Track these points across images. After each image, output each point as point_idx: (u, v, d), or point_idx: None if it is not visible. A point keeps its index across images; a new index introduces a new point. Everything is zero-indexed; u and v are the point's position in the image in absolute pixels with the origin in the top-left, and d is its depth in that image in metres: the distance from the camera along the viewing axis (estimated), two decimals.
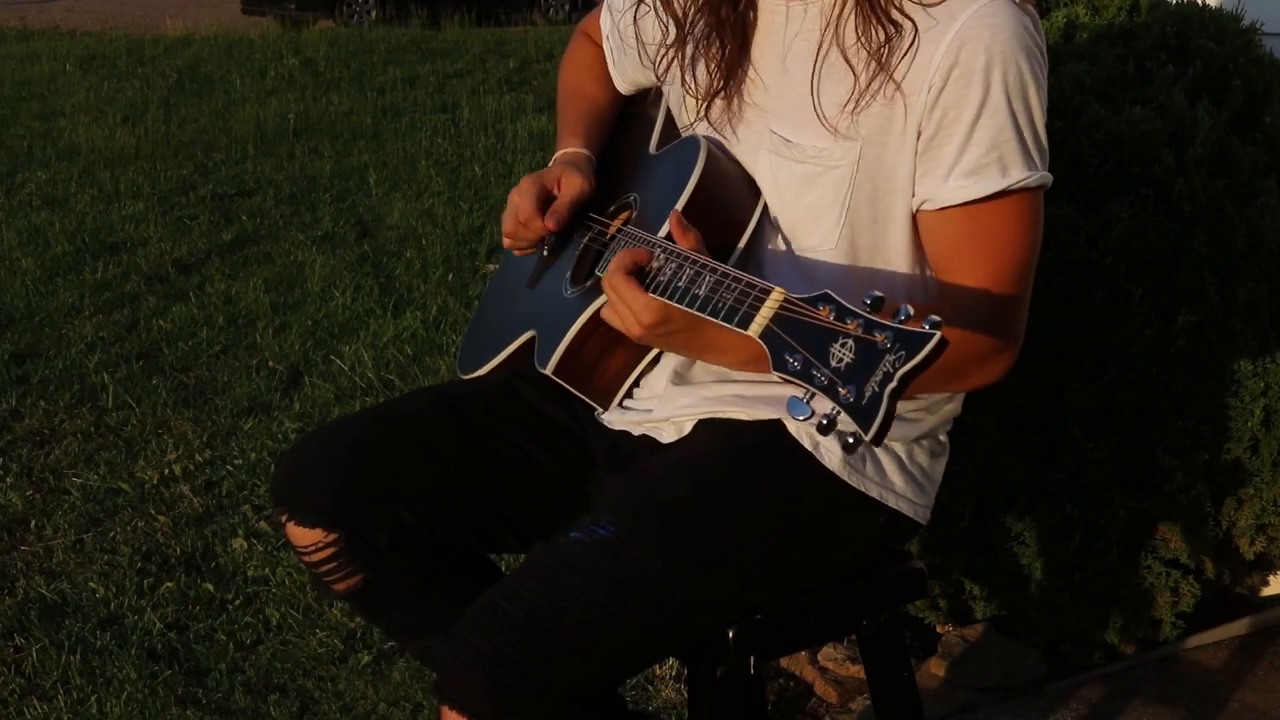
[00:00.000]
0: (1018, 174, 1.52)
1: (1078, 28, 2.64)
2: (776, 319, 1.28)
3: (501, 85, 9.43)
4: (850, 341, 1.21)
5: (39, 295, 4.96)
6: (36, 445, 3.73)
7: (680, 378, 1.69)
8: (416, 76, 9.89)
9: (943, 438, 1.74)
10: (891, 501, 1.66)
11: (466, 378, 1.89)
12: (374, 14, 14.93)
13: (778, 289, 1.30)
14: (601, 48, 1.94)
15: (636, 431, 1.71)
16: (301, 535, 1.72)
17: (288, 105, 8.68)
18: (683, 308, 1.42)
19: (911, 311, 1.21)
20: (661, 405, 1.69)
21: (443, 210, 6.17)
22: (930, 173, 1.54)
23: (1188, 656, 2.67)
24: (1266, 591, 2.80)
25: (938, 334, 1.19)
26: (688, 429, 1.67)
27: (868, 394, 1.20)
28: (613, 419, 1.73)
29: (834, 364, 1.22)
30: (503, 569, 2.94)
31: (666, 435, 1.68)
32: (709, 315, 1.38)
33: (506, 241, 1.81)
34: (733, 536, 1.57)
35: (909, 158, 1.54)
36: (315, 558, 1.72)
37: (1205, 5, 2.68)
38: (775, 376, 1.28)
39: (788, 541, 1.61)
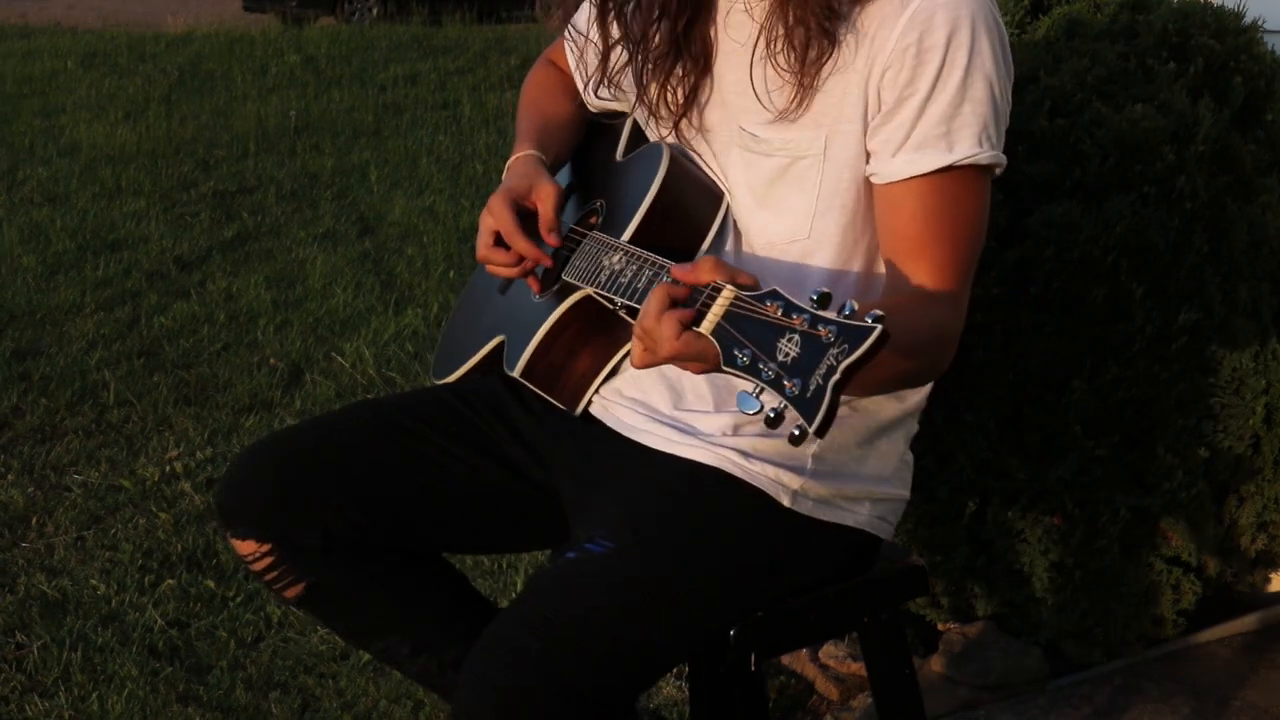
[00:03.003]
0: (965, 149, 1.52)
1: (1079, 25, 2.64)
2: (728, 316, 1.29)
3: (503, 82, 9.42)
4: (796, 336, 1.23)
5: (40, 292, 4.96)
6: (38, 442, 3.73)
7: (665, 377, 1.69)
8: (418, 73, 9.89)
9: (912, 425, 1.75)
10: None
11: (443, 382, 1.90)
12: (375, 11, 14.92)
13: (728, 287, 1.30)
14: (564, 71, 1.94)
15: (626, 425, 1.70)
16: (241, 546, 1.76)
17: (289, 102, 8.67)
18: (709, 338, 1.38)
19: (856, 306, 1.23)
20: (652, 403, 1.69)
21: (444, 207, 6.17)
22: (882, 150, 1.54)
23: (1189, 654, 2.67)
24: (1268, 589, 2.80)
25: (880, 327, 1.20)
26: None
27: (812, 387, 1.22)
28: (603, 413, 1.73)
29: (780, 358, 1.24)
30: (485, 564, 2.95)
31: (657, 438, 1.68)
32: None
33: (490, 268, 1.75)
34: (729, 537, 1.58)
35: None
36: (257, 567, 1.76)
37: (1207, 3, 2.68)
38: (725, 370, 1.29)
39: (786, 538, 1.62)
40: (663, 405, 1.68)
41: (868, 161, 1.56)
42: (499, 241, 1.70)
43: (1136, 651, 2.62)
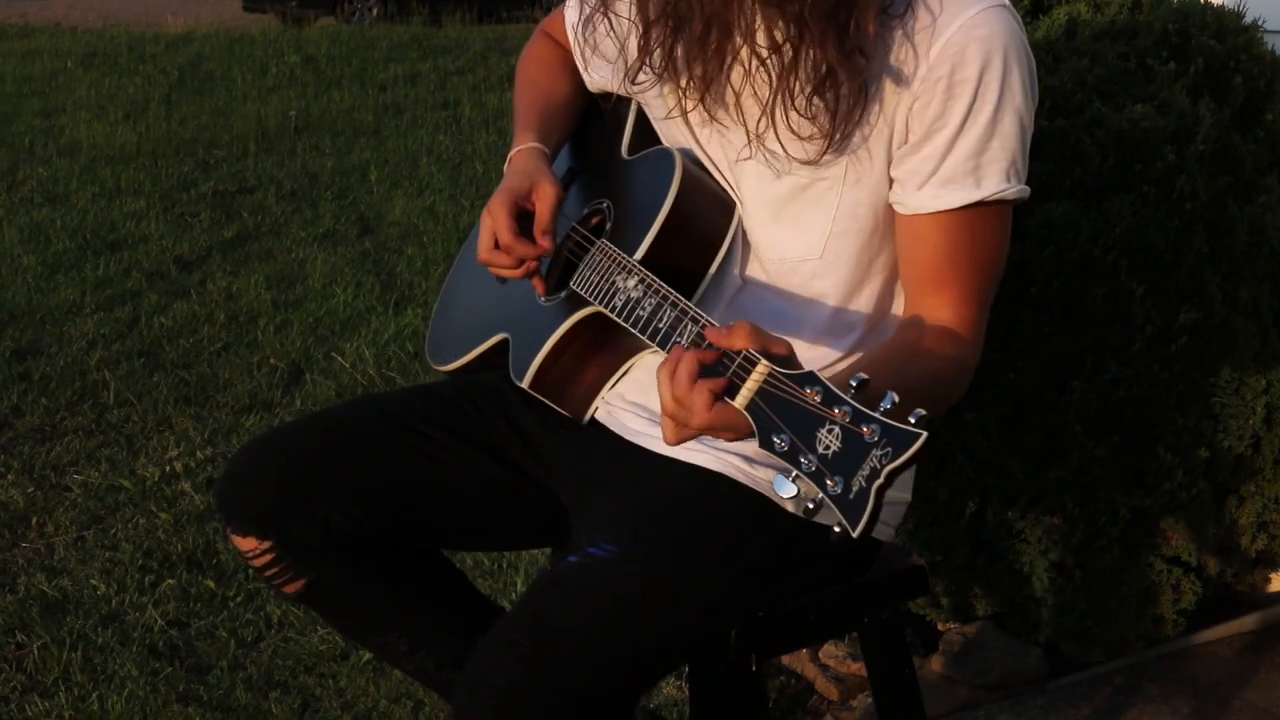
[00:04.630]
0: (993, 186, 1.51)
1: (1079, 25, 2.64)
2: (762, 394, 1.27)
3: (503, 82, 9.43)
4: (838, 430, 1.21)
5: (40, 292, 4.96)
6: (38, 442, 3.73)
7: None
8: (418, 73, 9.89)
9: None
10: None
11: (441, 369, 1.89)
12: (375, 11, 14.93)
13: (763, 361, 1.27)
14: (563, 46, 1.89)
15: (629, 429, 1.70)
16: (241, 543, 1.75)
17: (289, 102, 8.68)
18: (743, 412, 1.32)
19: (896, 400, 1.20)
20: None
21: (444, 207, 6.17)
22: (908, 180, 1.53)
23: (1189, 654, 2.67)
24: (1268, 589, 2.80)
25: (924, 434, 1.18)
26: None
27: (855, 489, 1.19)
28: (606, 417, 1.73)
29: (821, 451, 1.21)
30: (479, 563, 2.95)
31: (660, 442, 1.67)
32: None
33: (492, 269, 1.72)
34: (733, 540, 1.58)
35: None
36: (257, 563, 1.75)
37: (1207, 3, 2.67)
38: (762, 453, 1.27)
39: (787, 540, 1.62)
40: None
41: (890, 188, 1.55)
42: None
43: (1136, 651, 2.62)
